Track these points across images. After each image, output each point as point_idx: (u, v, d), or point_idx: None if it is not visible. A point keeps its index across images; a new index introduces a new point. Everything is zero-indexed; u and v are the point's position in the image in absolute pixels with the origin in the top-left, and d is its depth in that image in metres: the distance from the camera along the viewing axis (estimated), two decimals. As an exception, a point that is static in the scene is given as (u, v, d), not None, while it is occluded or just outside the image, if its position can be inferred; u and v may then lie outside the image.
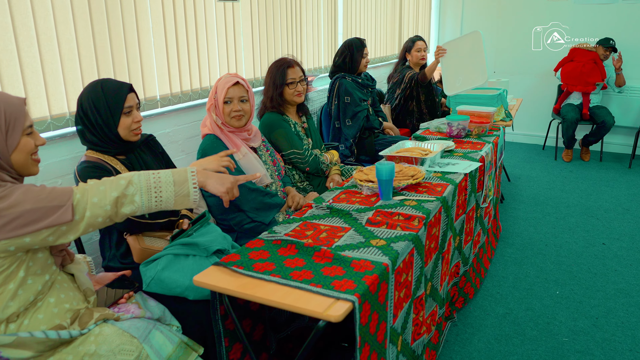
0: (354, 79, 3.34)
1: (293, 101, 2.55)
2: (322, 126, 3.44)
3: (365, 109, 3.33)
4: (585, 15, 5.33)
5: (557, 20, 5.48)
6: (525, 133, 5.95)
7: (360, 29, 4.36)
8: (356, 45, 3.33)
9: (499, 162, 3.05)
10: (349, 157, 3.35)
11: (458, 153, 2.56)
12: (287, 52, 3.34)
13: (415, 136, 2.91)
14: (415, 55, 4.09)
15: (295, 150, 2.51)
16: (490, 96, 3.30)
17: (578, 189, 4.34)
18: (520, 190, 4.30)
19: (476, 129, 2.90)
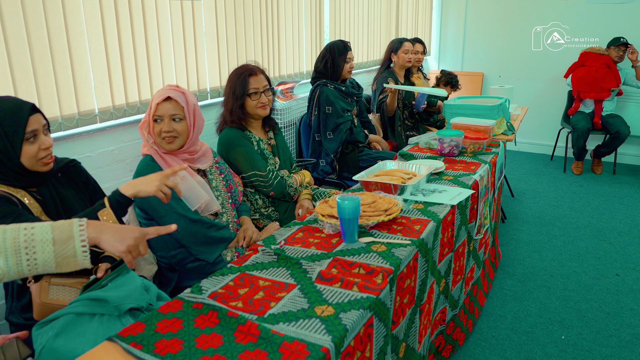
0: (336, 86, 2.99)
1: (256, 114, 2.20)
2: (301, 139, 3.10)
3: (348, 120, 2.97)
4: (586, 15, 4.93)
5: (558, 20, 5.07)
6: (532, 142, 5.56)
7: (350, 29, 4.00)
8: (338, 48, 2.97)
9: (498, 183, 2.68)
10: (330, 174, 3.00)
11: (448, 176, 2.20)
12: (261, 55, 2.99)
13: (401, 153, 2.55)
14: (402, 57, 3.72)
15: (257, 172, 2.16)
16: (490, 107, 2.93)
17: (589, 206, 3.95)
18: (524, 208, 3.91)
19: (471, 145, 2.53)
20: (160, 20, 2.32)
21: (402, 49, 3.73)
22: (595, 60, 4.51)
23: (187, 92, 1.81)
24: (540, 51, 5.23)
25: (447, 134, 2.46)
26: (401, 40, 3.77)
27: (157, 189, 1.44)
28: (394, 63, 3.78)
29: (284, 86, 3.24)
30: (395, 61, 3.77)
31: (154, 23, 2.29)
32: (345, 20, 3.87)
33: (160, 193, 1.43)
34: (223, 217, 1.91)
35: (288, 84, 3.26)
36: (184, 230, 1.75)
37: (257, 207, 2.25)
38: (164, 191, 1.43)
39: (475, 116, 2.94)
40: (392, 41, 3.80)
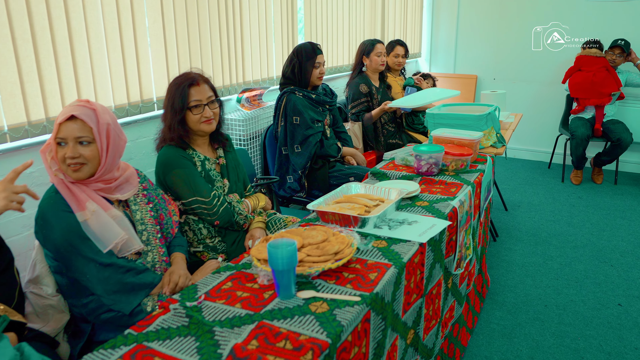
0: (306, 94, 2.68)
1: (200, 130, 1.89)
2: (267, 153, 2.78)
3: (318, 131, 2.66)
4: (586, 15, 4.61)
5: (557, 20, 4.75)
6: (528, 148, 5.24)
7: (328, 29, 3.69)
8: (306, 52, 2.66)
9: (485, 204, 2.37)
10: (298, 192, 2.69)
11: (422, 202, 1.89)
12: (220, 59, 2.68)
13: (373, 172, 2.24)
14: (375, 60, 3.42)
15: (199, 197, 1.85)
16: (477, 117, 2.61)
17: (588, 222, 3.63)
18: (518, 223, 3.60)
19: (453, 162, 2.22)
20: (90, 19, 2.01)
21: (375, 51, 3.42)
22: (592, 64, 4.19)
23: (101, 108, 1.50)
24: (537, 53, 4.91)
25: (425, 150, 2.15)
26: (373, 41, 3.46)
27: (6, 201, 1.26)
28: (366, 67, 3.47)
29: (250, 93, 2.93)
30: (367, 65, 3.46)
31: (82, 22, 1.98)
32: (323, 19, 3.56)
33: (12, 205, 1.27)
34: (148, 257, 1.60)
35: (255, 90, 2.95)
36: (93, 276, 1.44)
37: (202, 238, 1.94)
38: (15, 200, 1.28)
39: (461, 127, 2.63)
40: (363, 43, 3.49)
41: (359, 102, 3.37)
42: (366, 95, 3.38)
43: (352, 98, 3.36)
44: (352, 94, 3.36)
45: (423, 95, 3.32)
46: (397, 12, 4.65)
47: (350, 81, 3.46)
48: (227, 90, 2.75)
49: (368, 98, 3.38)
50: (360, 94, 3.36)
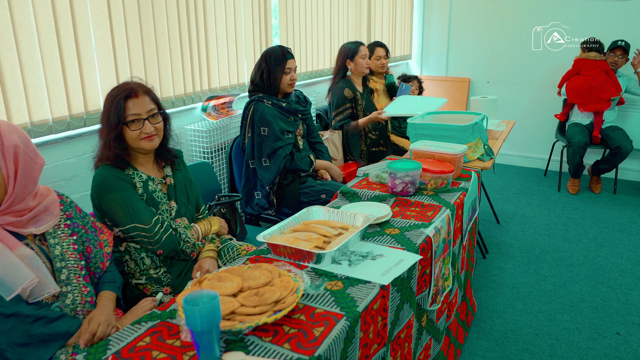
0: (275, 102, 2.46)
1: (141, 148, 1.67)
2: (233, 166, 2.56)
3: (288, 143, 2.44)
4: (587, 14, 4.38)
5: (557, 20, 4.53)
6: (524, 155, 5.01)
7: (307, 30, 3.47)
8: (275, 56, 2.44)
9: (469, 225, 2.14)
10: (266, 210, 2.47)
11: (393, 229, 1.66)
12: (181, 64, 2.44)
13: (343, 191, 2.01)
14: (360, 63, 3.20)
15: (138, 224, 1.63)
16: (462, 127, 2.39)
17: (585, 236, 3.40)
18: (510, 239, 3.37)
19: (433, 181, 2.00)
20: (18, 21, 1.78)
21: (360, 53, 3.21)
22: (591, 67, 3.96)
23: (6, 128, 1.28)
24: (533, 55, 4.69)
25: (400, 168, 1.93)
26: (357, 44, 3.24)
27: None
28: (351, 71, 3.25)
29: (217, 101, 2.71)
30: (352, 68, 3.24)
31: (8, 25, 1.76)
32: (301, 19, 3.33)
33: None
34: (67, 299, 1.38)
35: (223, 97, 2.73)
36: (-7, 325, 1.22)
37: (145, 269, 1.71)
38: None
39: (444, 138, 2.40)
40: (344, 46, 3.27)
41: (344, 108, 3.15)
42: (350, 101, 3.17)
43: (336, 104, 3.14)
44: (335, 100, 3.14)
45: (420, 104, 3.16)
46: (384, 12, 4.42)
47: (333, 86, 3.23)
48: (190, 98, 2.53)
49: (352, 104, 3.17)
50: (344, 99, 3.14)
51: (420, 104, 3.15)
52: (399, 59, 4.86)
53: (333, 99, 3.14)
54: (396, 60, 4.81)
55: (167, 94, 2.40)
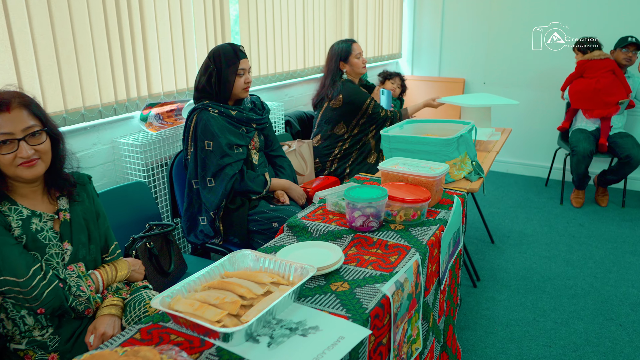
0: (223, 110, 2.07)
1: (18, 176, 1.29)
2: (174, 186, 2.17)
3: (238, 160, 2.05)
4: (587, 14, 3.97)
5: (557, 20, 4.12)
6: (523, 162, 4.61)
7: (275, 26, 3.07)
8: (226, 56, 2.05)
9: (450, 263, 1.75)
10: (212, 238, 2.08)
11: (342, 283, 1.27)
12: (111, 66, 2.05)
13: (290, 224, 1.62)
14: (356, 63, 2.84)
15: (8, 277, 1.24)
16: (445, 141, 1.99)
17: (591, 259, 3.00)
18: (505, 262, 2.98)
19: (402, 211, 1.60)
20: None
21: (354, 53, 2.85)
22: (596, 68, 3.55)
23: None
24: (534, 54, 4.28)
25: (360, 197, 1.53)
26: (347, 42, 2.87)
27: None
28: (347, 73, 2.87)
29: (162, 109, 2.32)
30: (347, 71, 2.86)
31: None
32: (267, 13, 2.93)
33: None
34: None
35: (168, 104, 2.34)
36: None
37: (26, 330, 1.33)
38: None
39: (424, 154, 2.01)
40: (335, 47, 2.88)
41: (371, 101, 2.84)
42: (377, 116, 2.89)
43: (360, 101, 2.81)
44: (356, 98, 2.80)
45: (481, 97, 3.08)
46: (369, 7, 4.02)
47: (330, 83, 2.83)
48: (124, 106, 2.14)
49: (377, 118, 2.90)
50: (366, 94, 2.85)
51: (484, 99, 2.98)
52: (386, 57, 4.46)
53: (351, 99, 2.78)
54: (384, 59, 4.41)
55: (93, 102, 2.01)
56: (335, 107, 2.79)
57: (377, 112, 2.82)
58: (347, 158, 2.83)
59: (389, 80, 3.65)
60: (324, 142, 2.84)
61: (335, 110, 2.80)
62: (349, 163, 2.82)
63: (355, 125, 2.82)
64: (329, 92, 2.83)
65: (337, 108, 2.79)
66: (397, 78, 3.64)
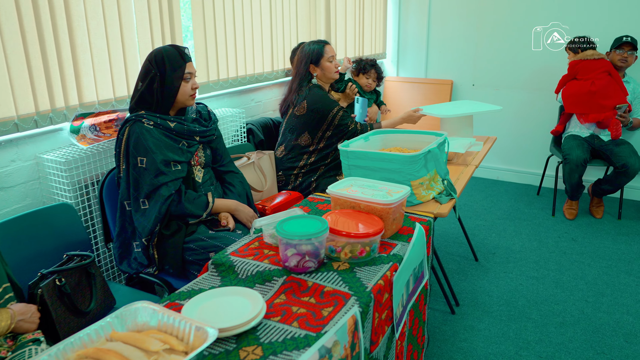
0: (160, 122, 1.82)
1: None
2: (105, 208, 1.91)
3: (175, 178, 1.80)
4: (587, 13, 3.71)
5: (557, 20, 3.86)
6: (514, 169, 4.35)
7: (237, 26, 2.81)
8: (170, 58, 1.80)
9: (411, 304, 1.50)
10: (146, 267, 1.83)
11: (255, 349, 1.03)
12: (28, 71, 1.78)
13: (216, 261, 1.37)
14: (328, 67, 2.59)
15: None
16: (409, 158, 1.73)
17: (582, 280, 2.75)
18: (489, 283, 2.72)
19: (348, 247, 1.35)
20: None
21: (326, 56, 2.58)
22: (590, 69, 3.30)
23: None
24: (524, 56, 4.02)
25: (295, 230, 1.28)
26: (320, 44, 2.61)
27: None
28: (317, 78, 2.61)
29: (98, 119, 2.06)
30: (318, 75, 2.60)
31: None
32: (226, 10, 2.67)
33: None
34: None
35: (105, 114, 2.09)
36: None
37: None
38: None
39: (386, 172, 1.76)
40: (305, 48, 2.63)
41: (338, 109, 2.56)
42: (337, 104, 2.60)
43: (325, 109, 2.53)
44: (321, 106, 2.52)
45: (462, 105, 2.82)
46: (348, 5, 3.75)
47: (297, 89, 2.58)
48: (47, 117, 1.88)
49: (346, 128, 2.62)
50: (333, 103, 2.57)
51: (464, 107, 2.73)
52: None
53: (315, 106, 2.51)
54: (366, 60, 4.14)
55: (7, 113, 1.75)
56: (299, 114, 2.54)
57: (344, 124, 2.55)
58: (314, 173, 2.57)
59: (363, 74, 3.37)
60: (288, 154, 2.59)
61: (299, 118, 2.54)
62: (314, 177, 2.56)
63: (321, 138, 2.55)
64: (294, 98, 2.58)
65: (301, 116, 2.53)
66: (373, 71, 3.35)
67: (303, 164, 2.57)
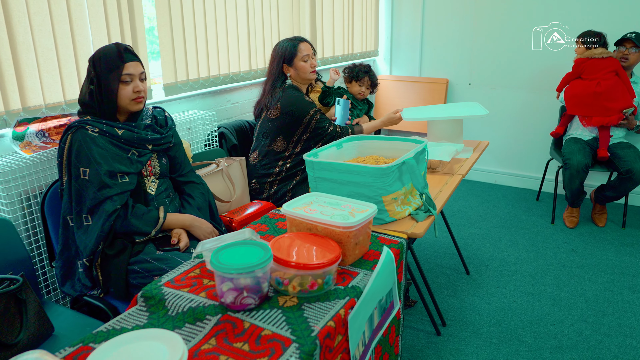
0: (106, 129, 1.64)
1: None
2: (48, 223, 1.73)
3: (122, 192, 1.62)
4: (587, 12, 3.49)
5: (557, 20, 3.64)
6: (513, 173, 4.14)
7: (208, 17, 2.62)
8: (107, 58, 1.62)
9: (376, 340, 1.30)
10: (91, 289, 1.65)
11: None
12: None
13: (145, 294, 1.18)
14: (302, 66, 2.39)
15: None
16: (381, 170, 1.53)
17: (582, 297, 2.54)
18: (479, 300, 2.52)
19: (297, 280, 1.16)
20: None
21: (299, 55, 2.39)
22: (597, 69, 3.08)
23: None
24: (524, 54, 3.80)
25: (232, 261, 1.09)
26: (294, 42, 2.41)
27: None
28: (291, 78, 2.42)
29: (46, 124, 1.89)
30: (292, 75, 2.41)
31: None
32: (195, 4, 2.48)
33: None
34: None
35: (54, 119, 1.91)
36: None
37: None
38: None
39: (354, 186, 1.56)
40: (278, 46, 2.43)
41: (314, 112, 2.37)
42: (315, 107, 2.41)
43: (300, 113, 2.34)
44: (297, 108, 2.33)
45: (446, 108, 2.62)
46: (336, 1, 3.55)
47: (268, 96, 2.38)
48: (-18, 122, 1.71)
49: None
50: (309, 105, 2.38)
51: (451, 111, 2.53)
52: (359, 56, 3.99)
53: (290, 109, 2.32)
54: (355, 57, 3.94)
55: None
56: (273, 117, 2.35)
57: (322, 127, 2.36)
58: (290, 180, 2.39)
59: (356, 81, 3.09)
60: (262, 160, 2.40)
61: (273, 122, 2.35)
62: (290, 186, 2.37)
63: (297, 142, 2.36)
64: (267, 100, 2.39)
65: (275, 119, 2.34)
66: (366, 78, 3.04)
67: (278, 171, 2.38)
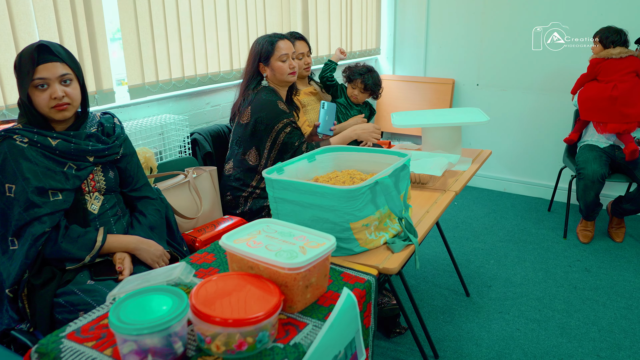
0: (37, 138, 1.43)
1: None
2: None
3: (53, 212, 1.41)
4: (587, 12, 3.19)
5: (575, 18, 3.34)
6: (524, 180, 3.85)
7: (181, 12, 2.40)
8: (22, 59, 1.41)
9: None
10: (18, 323, 1.44)
11: None
12: None
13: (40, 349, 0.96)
14: (279, 67, 2.15)
15: None
16: (347, 193, 1.28)
17: (595, 325, 2.27)
18: (479, 327, 2.26)
19: (222, 338, 0.93)
20: None
21: (277, 54, 2.13)
22: (613, 70, 2.78)
23: None
24: (535, 53, 3.51)
25: (135, 317, 0.87)
26: (271, 39, 2.16)
27: None
28: (267, 79, 2.17)
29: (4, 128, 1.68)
30: (268, 76, 2.17)
31: None
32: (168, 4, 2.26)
33: None
34: None
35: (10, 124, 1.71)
36: None
37: None
38: None
39: (319, 211, 1.32)
40: (257, 42, 2.20)
41: (285, 124, 2.11)
42: (289, 116, 2.13)
43: (269, 121, 2.08)
44: (265, 115, 2.07)
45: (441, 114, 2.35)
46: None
47: (252, 98, 2.12)
48: None
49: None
50: (282, 114, 2.10)
51: (447, 117, 2.27)
52: (358, 54, 3.74)
53: (259, 115, 2.08)
54: (355, 56, 3.69)
55: None
56: (244, 122, 2.12)
57: (291, 143, 2.09)
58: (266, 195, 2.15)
59: (349, 82, 2.82)
60: (235, 171, 2.17)
61: (244, 128, 2.12)
62: (267, 202, 2.14)
63: (268, 157, 2.12)
64: (240, 102, 2.16)
65: (246, 124, 2.11)
66: (359, 81, 2.77)
67: (255, 185, 2.16)
